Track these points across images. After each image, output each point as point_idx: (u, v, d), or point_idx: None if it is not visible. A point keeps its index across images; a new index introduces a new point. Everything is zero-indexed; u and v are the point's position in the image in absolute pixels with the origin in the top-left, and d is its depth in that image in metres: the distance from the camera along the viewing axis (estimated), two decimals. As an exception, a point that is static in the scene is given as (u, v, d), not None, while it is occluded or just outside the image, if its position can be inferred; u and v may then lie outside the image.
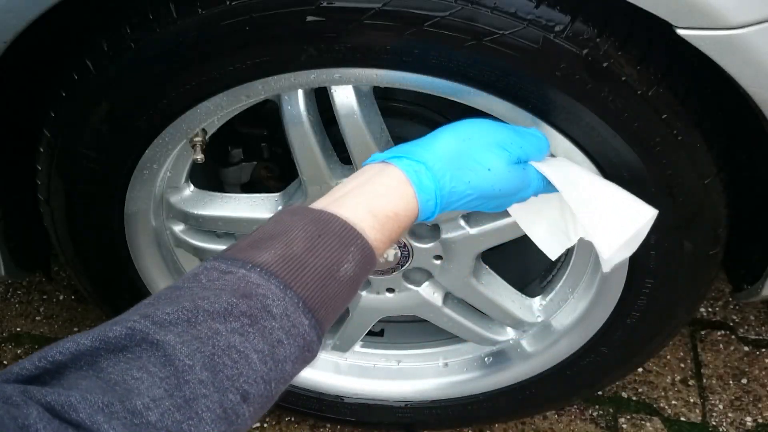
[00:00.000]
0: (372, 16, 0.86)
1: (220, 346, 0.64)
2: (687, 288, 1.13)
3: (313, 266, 0.72)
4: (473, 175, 0.85)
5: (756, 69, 0.83)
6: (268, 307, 0.68)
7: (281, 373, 0.68)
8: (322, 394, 1.45)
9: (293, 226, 0.75)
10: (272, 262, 0.71)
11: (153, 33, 0.92)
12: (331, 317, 0.75)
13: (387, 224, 0.81)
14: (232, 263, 0.71)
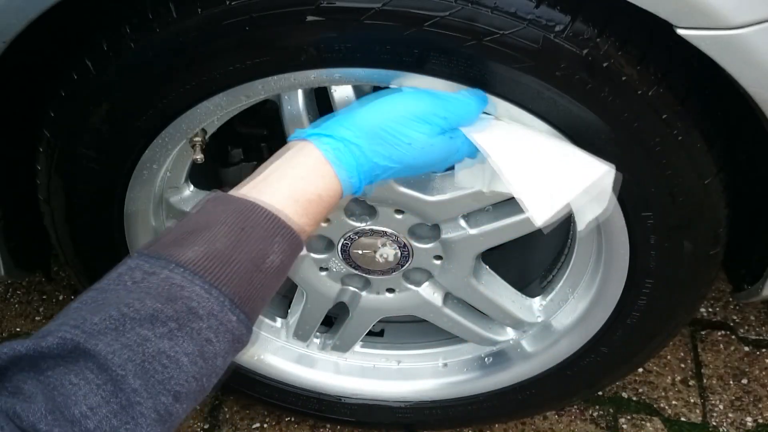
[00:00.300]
0: (372, 16, 0.86)
1: (150, 352, 0.65)
2: (687, 288, 1.13)
3: (237, 261, 0.72)
4: (393, 149, 0.85)
5: (756, 69, 0.83)
6: (194, 309, 0.69)
7: (212, 368, 0.70)
8: (322, 394, 1.45)
9: (217, 219, 0.75)
10: (196, 261, 0.71)
11: (153, 33, 0.92)
12: (259, 307, 0.76)
13: (310, 208, 0.81)
14: (156, 262, 0.71)
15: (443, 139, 0.88)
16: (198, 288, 0.69)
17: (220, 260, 0.72)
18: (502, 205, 1.12)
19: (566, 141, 0.93)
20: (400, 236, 1.16)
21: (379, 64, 0.91)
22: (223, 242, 0.73)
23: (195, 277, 0.70)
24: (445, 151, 0.88)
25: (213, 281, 0.70)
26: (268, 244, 0.75)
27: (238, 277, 0.72)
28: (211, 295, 0.70)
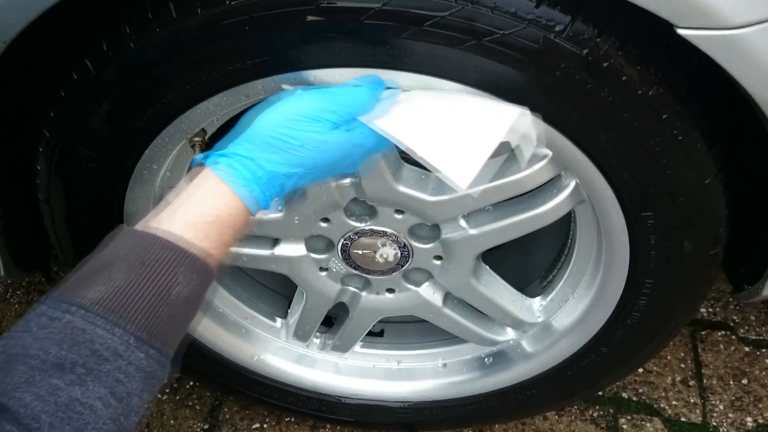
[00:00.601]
0: (372, 15, 0.86)
1: (63, 401, 0.65)
2: (687, 288, 1.13)
3: (140, 296, 0.72)
4: (288, 155, 0.83)
5: (756, 69, 0.83)
6: (98, 352, 0.69)
7: (128, 407, 0.70)
8: (322, 394, 1.45)
9: (117, 256, 0.74)
10: (97, 302, 0.70)
11: (153, 33, 0.92)
12: (173, 340, 0.75)
13: (211, 230, 0.79)
14: (59, 306, 0.71)
15: (339, 133, 0.85)
16: (99, 329, 0.69)
17: (121, 298, 0.71)
18: (502, 205, 1.12)
19: (475, 96, 0.90)
20: (400, 236, 1.16)
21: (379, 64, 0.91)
22: (124, 279, 0.72)
23: (96, 318, 0.70)
24: (345, 145, 0.85)
25: (115, 320, 0.70)
26: (172, 276, 0.74)
27: (143, 313, 0.71)
28: (114, 335, 0.70)
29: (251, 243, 1.24)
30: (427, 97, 0.90)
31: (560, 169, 1.05)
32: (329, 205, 1.12)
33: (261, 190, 0.82)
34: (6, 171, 1.16)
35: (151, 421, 1.56)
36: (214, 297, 1.37)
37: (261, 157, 0.82)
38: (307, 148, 0.83)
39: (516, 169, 1.04)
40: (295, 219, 1.15)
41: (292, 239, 1.21)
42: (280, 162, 0.83)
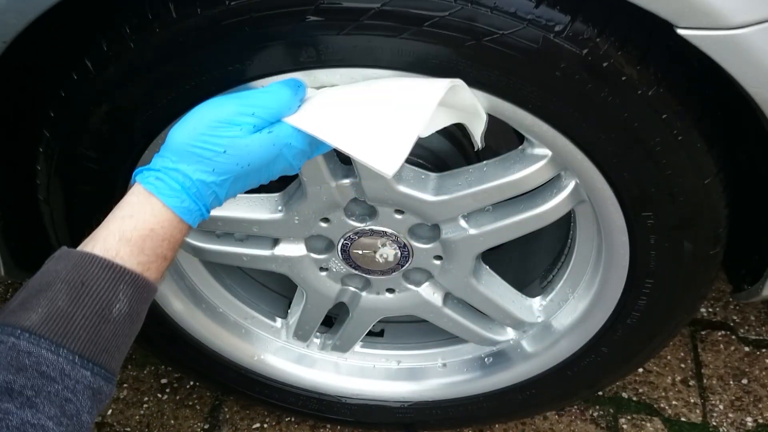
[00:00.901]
0: (372, 16, 0.86)
1: (15, 425, 0.67)
2: (687, 288, 1.13)
3: (82, 316, 0.74)
4: (213, 162, 0.83)
5: (756, 69, 0.83)
6: (45, 373, 0.70)
7: (78, 425, 0.71)
8: (323, 394, 1.45)
9: (57, 277, 0.76)
10: (39, 324, 0.72)
11: (153, 33, 0.92)
12: (117, 356, 0.77)
13: (146, 245, 0.80)
14: (3, 331, 0.72)
15: (261, 136, 0.85)
16: (44, 351, 0.71)
17: (63, 319, 0.73)
18: (502, 205, 1.12)
19: (402, 78, 0.89)
20: (400, 236, 1.16)
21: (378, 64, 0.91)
22: (64, 300, 0.74)
23: (41, 340, 0.71)
24: (269, 148, 0.85)
25: (59, 341, 0.72)
26: (111, 293, 0.76)
27: (86, 332, 0.73)
28: (59, 356, 0.71)
29: (251, 243, 1.24)
30: (348, 88, 0.90)
31: (560, 169, 1.05)
32: (329, 205, 1.12)
33: (192, 199, 0.83)
34: (6, 171, 1.16)
35: (151, 420, 1.56)
36: (215, 297, 1.37)
37: (187, 167, 0.83)
38: (232, 153, 0.83)
39: (516, 168, 1.04)
40: (295, 219, 1.15)
41: (292, 239, 1.21)
42: (206, 170, 0.83)
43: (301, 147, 0.88)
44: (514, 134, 1.10)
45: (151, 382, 1.62)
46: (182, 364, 1.47)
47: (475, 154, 1.21)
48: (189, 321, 1.35)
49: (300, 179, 1.11)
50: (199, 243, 1.24)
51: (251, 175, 0.87)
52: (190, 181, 0.83)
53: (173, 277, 1.29)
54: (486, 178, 1.06)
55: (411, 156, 1.12)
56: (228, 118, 0.84)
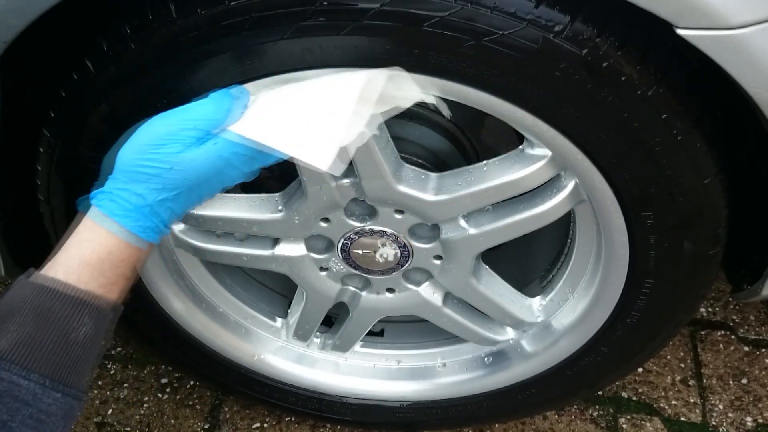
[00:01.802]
0: (372, 16, 0.86)
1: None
2: (687, 288, 1.13)
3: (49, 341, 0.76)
4: (162, 179, 0.84)
5: (756, 69, 0.83)
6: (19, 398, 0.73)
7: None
8: (323, 394, 1.45)
9: (24, 302, 0.78)
10: (9, 350, 0.75)
11: (153, 33, 0.92)
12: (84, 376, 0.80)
13: (106, 267, 0.82)
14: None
15: (205, 148, 0.86)
16: (16, 376, 0.74)
17: (32, 344, 0.76)
18: (502, 205, 1.12)
19: (330, 74, 0.91)
20: (400, 236, 1.16)
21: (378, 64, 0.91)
22: (32, 326, 0.76)
23: (12, 366, 0.74)
24: (215, 159, 0.86)
25: (29, 365, 0.74)
26: (76, 317, 0.78)
27: (54, 356, 0.76)
28: (30, 380, 0.74)
29: (251, 243, 1.24)
30: (284, 90, 0.92)
31: (560, 169, 1.05)
32: (329, 205, 1.12)
33: (146, 218, 0.85)
34: (6, 171, 1.16)
35: (151, 420, 1.56)
36: (215, 296, 1.37)
37: (137, 186, 0.84)
38: (177, 169, 0.85)
39: (516, 168, 1.04)
40: (295, 219, 1.15)
41: (292, 239, 1.21)
42: (155, 188, 0.84)
43: (249, 154, 0.89)
44: (514, 134, 1.10)
45: (152, 382, 1.62)
46: (182, 364, 1.47)
47: (475, 154, 1.21)
48: (189, 321, 1.35)
49: (300, 179, 1.11)
50: (199, 243, 1.24)
51: (203, 186, 0.88)
52: (142, 199, 0.84)
53: (173, 277, 1.29)
54: (486, 178, 1.06)
55: (411, 156, 1.13)
56: (170, 133, 0.85)
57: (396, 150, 1.07)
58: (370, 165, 1.04)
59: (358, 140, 0.93)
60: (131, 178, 0.85)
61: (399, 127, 1.14)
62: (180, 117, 0.87)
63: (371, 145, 1.02)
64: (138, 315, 1.32)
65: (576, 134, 0.95)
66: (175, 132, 0.85)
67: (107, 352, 1.66)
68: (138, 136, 0.87)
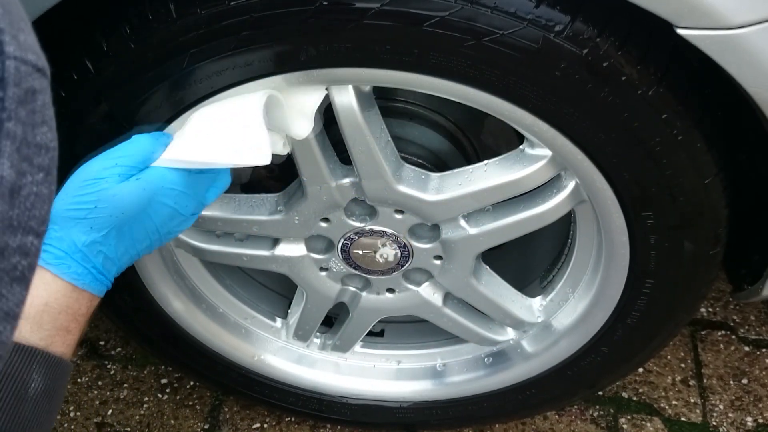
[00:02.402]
0: (372, 16, 0.86)
1: None
2: (687, 288, 1.13)
3: (1, 400, 0.74)
4: (88, 220, 0.84)
5: (756, 69, 0.83)
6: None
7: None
8: (323, 394, 1.45)
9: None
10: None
11: (153, 33, 0.92)
12: (39, 430, 0.78)
13: (44, 319, 0.80)
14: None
15: (128, 183, 0.86)
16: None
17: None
18: (502, 205, 1.12)
19: (234, 98, 0.95)
20: (400, 236, 1.16)
21: (378, 64, 0.91)
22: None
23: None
24: (139, 192, 0.86)
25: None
26: (24, 373, 0.76)
27: (7, 412, 0.74)
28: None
29: (251, 243, 1.24)
30: (194, 117, 0.95)
31: (560, 169, 1.05)
32: (329, 205, 1.12)
33: (80, 263, 0.83)
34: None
35: (151, 420, 1.56)
36: (215, 297, 1.37)
37: (67, 232, 0.83)
38: (101, 206, 0.84)
39: (516, 168, 1.04)
40: (295, 219, 1.15)
41: (292, 239, 1.21)
42: (84, 230, 0.84)
43: (179, 188, 0.89)
44: (514, 134, 1.10)
45: (151, 382, 1.62)
46: (182, 364, 1.47)
47: (475, 154, 1.21)
48: (189, 321, 1.35)
49: (300, 179, 1.11)
50: (199, 243, 1.24)
51: (133, 225, 0.87)
52: (73, 245, 0.83)
53: (173, 277, 1.29)
54: (486, 178, 1.06)
55: (411, 156, 1.13)
56: (94, 175, 0.85)
57: (396, 150, 1.07)
58: (370, 165, 1.05)
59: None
60: (63, 225, 0.84)
61: (399, 127, 1.14)
62: (103, 157, 0.87)
63: (371, 144, 1.03)
64: (138, 315, 1.32)
65: (576, 134, 0.95)
66: (99, 172, 0.85)
67: (107, 352, 1.66)
68: (67, 183, 0.87)
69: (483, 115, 0.99)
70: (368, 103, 1.02)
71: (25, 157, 0.32)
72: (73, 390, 1.60)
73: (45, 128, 0.32)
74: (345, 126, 1.02)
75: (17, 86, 0.32)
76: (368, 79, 0.95)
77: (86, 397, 1.59)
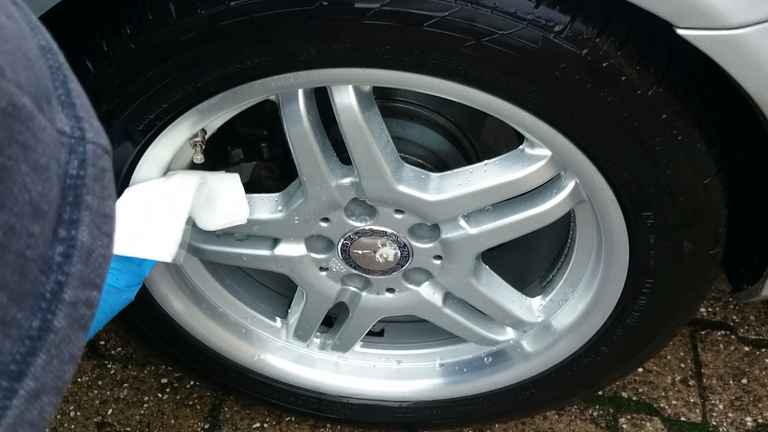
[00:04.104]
0: (372, 16, 0.86)
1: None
2: (687, 288, 1.13)
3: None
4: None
5: (756, 69, 0.83)
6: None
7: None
8: (323, 394, 1.45)
9: None
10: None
11: (153, 33, 0.92)
12: None
13: None
14: None
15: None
16: None
17: None
18: (502, 205, 1.12)
19: (167, 178, 1.05)
20: (400, 236, 1.16)
21: (378, 65, 0.91)
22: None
23: None
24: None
25: None
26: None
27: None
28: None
29: (251, 243, 1.24)
30: (125, 196, 1.04)
31: (560, 169, 1.05)
32: (329, 205, 1.12)
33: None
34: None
35: (151, 420, 1.56)
36: (215, 297, 1.37)
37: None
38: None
39: (516, 168, 1.04)
40: (295, 219, 1.15)
41: (292, 239, 1.21)
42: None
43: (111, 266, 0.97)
44: (514, 134, 1.10)
45: (151, 382, 1.62)
46: (182, 364, 1.47)
47: (475, 154, 1.21)
48: (189, 321, 1.35)
49: (300, 179, 1.11)
50: (199, 243, 1.24)
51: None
52: None
53: (173, 277, 1.29)
54: (486, 178, 1.06)
55: (411, 156, 1.13)
56: None
57: (396, 150, 1.07)
58: (370, 165, 1.05)
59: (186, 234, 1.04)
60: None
61: (399, 127, 1.14)
62: None
63: (371, 144, 1.03)
64: (138, 315, 1.32)
65: (576, 134, 0.95)
66: None
67: (107, 352, 1.66)
68: None
69: (483, 115, 0.99)
70: (368, 103, 1.02)
71: (98, 226, 0.39)
72: (73, 390, 1.60)
73: (111, 201, 0.41)
74: (345, 126, 1.02)
75: (94, 166, 0.39)
76: (368, 79, 0.95)
77: (86, 396, 1.59)
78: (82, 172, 0.38)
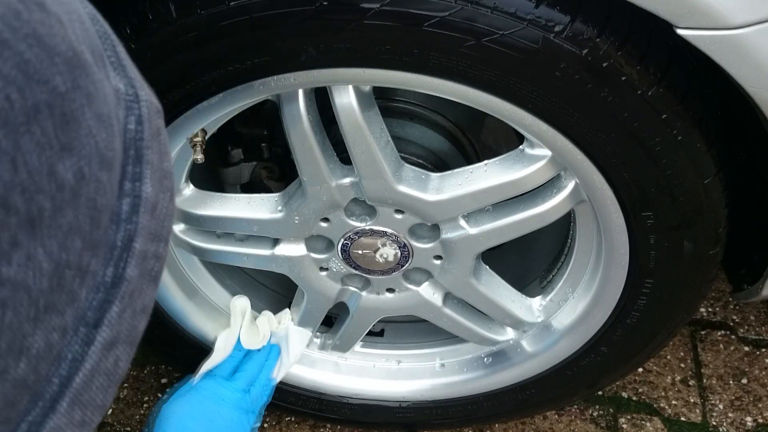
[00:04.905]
0: (372, 16, 0.86)
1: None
2: (687, 288, 1.13)
3: None
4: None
5: (756, 69, 0.83)
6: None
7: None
8: (323, 394, 1.45)
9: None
10: None
11: (153, 33, 0.92)
12: None
13: None
14: None
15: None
16: None
17: None
18: (502, 205, 1.12)
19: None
20: (400, 236, 1.16)
21: (378, 65, 0.91)
22: None
23: None
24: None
25: None
26: None
27: None
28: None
29: (251, 243, 1.24)
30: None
31: (560, 169, 1.05)
32: (329, 205, 1.12)
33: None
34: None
35: (151, 420, 1.56)
36: (215, 296, 1.37)
37: None
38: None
39: (516, 168, 1.04)
40: (295, 219, 1.15)
41: (292, 239, 1.21)
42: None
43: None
44: (514, 134, 1.10)
45: (151, 382, 1.62)
46: (182, 364, 1.47)
47: (475, 154, 1.21)
48: (189, 320, 1.35)
49: (300, 179, 1.11)
50: (200, 243, 1.24)
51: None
52: None
53: (172, 276, 1.29)
54: (486, 178, 1.06)
55: (411, 156, 1.13)
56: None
57: (396, 150, 1.07)
58: (370, 165, 1.05)
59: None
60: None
61: (399, 127, 1.14)
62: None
63: (371, 144, 1.03)
64: (138, 315, 1.32)
65: (576, 134, 0.95)
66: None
67: (107, 352, 1.66)
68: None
69: (483, 115, 0.99)
70: (368, 103, 1.02)
71: (159, 180, 0.38)
72: (73, 390, 1.59)
73: (168, 158, 0.41)
74: (345, 126, 1.02)
75: (150, 123, 0.39)
76: (368, 79, 0.95)
77: (86, 396, 1.59)
78: (140, 128, 0.38)
